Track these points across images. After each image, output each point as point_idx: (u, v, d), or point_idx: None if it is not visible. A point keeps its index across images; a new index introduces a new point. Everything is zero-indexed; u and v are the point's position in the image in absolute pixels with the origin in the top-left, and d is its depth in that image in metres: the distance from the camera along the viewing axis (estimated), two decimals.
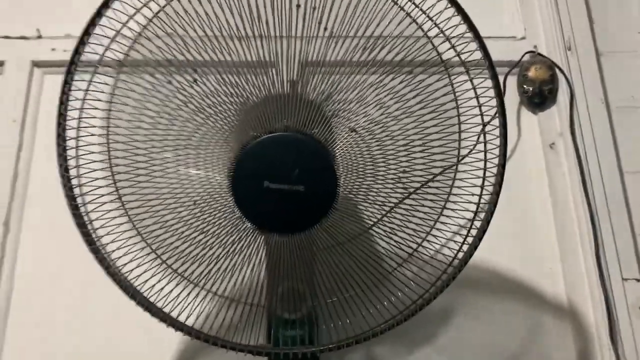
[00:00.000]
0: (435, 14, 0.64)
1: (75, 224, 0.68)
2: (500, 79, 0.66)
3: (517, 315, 0.94)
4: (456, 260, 0.71)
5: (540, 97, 1.03)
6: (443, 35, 0.64)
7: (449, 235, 0.73)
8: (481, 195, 0.69)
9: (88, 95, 0.66)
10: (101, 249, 0.69)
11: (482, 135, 0.66)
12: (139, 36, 0.67)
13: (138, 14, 0.66)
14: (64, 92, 0.64)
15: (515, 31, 1.09)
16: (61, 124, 0.64)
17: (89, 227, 0.68)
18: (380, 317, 0.73)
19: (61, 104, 0.64)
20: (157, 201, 0.69)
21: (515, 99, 1.05)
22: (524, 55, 1.04)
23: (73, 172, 0.68)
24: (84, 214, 0.68)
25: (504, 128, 0.66)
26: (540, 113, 1.04)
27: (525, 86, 1.03)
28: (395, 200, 0.68)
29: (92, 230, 0.68)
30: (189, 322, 0.73)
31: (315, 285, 0.75)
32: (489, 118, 0.67)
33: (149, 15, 0.68)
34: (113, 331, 0.91)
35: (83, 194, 0.69)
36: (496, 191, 0.68)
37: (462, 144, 0.70)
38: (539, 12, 1.09)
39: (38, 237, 0.96)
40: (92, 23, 0.64)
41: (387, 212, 0.68)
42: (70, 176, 0.67)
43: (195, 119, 0.66)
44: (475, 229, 0.70)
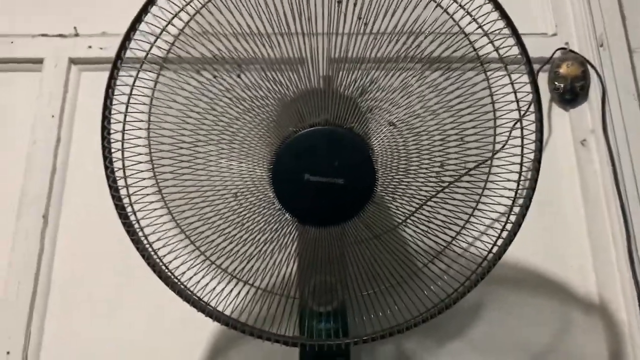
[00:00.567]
0: (474, 9, 0.64)
1: (118, 214, 0.70)
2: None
3: (548, 311, 0.94)
4: (491, 254, 0.71)
5: (571, 94, 1.03)
6: (482, 31, 0.64)
7: (483, 229, 0.74)
8: (517, 190, 0.69)
9: (134, 90, 0.68)
10: (142, 240, 0.71)
11: (520, 131, 0.66)
12: (182, 32, 0.68)
13: (182, 11, 0.67)
14: (110, 86, 0.66)
15: (546, 28, 1.09)
16: (107, 117, 0.66)
17: (131, 218, 0.70)
18: (414, 311, 0.74)
19: (107, 97, 0.66)
20: (198, 194, 0.70)
21: (546, 95, 1.04)
22: (555, 52, 1.04)
23: (117, 165, 0.69)
24: (126, 205, 0.70)
25: (540, 122, 0.67)
26: (571, 110, 1.04)
27: (556, 83, 1.03)
28: (430, 194, 0.69)
29: (135, 222, 0.70)
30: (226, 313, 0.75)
31: (347, 279, 0.76)
32: (524, 113, 0.67)
33: (192, 11, 0.69)
34: (149, 322, 0.93)
35: (127, 185, 0.70)
36: (532, 186, 0.69)
37: (498, 138, 0.71)
38: (571, 9, 1.09)
39: (75, 230, 0.98)
40: (138, 20, 0.65)
41: (422, 205, 0.69)
42: (114, 168, 0.68)
43: (237, 113, 0.68)
44: (510, 223, 0.70)
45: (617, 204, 0.96)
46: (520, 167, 0.68)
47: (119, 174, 0.69)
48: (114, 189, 0.69)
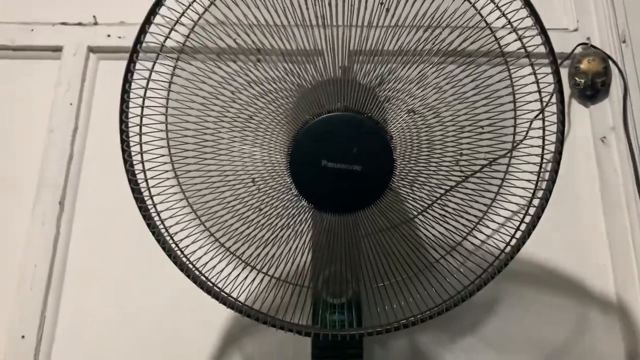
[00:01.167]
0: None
1: (134, 198, 0.70)
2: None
3: (564, 309, 0.93)
4: (509, 247, 0.70)
5: (592, 90, 1.01)
6: (505, 20, 0.63)
7: (502, 222, 0.73)
8: (537, 182, 0.68)
9: (153, 74, 0.68)
10: (158, 225, 0.71)
11: (542, 121, 0.65)
12: (202, 18, 0.68)
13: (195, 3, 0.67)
14: (129, 70, 0.66)
15: (567, 23, 1.07)
16: (125, 101, 0.66)
17: (147, 203, 0.70)
18: (429, 303, 0.73)
19: (126, 81, 0.66)
20: (218, 178, 0.70)
21: (566, 91, 1.03)
22: (576, 47, 1.03)
23: (135, 149, 0.70)
24: (143, 189, 0.70)
25: (562, 114, 0.66)
26: (591, 106, 1.03)
27: (577, 78, 1.01)
28: (448, 186, 0.68)
29: (152, 206, 0.70)
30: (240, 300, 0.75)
31: (361, 270, 0.75)
32: (546, 103, 0.66)
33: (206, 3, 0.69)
34: (163, 308, 0.93)
35: (144, 170, 0.71)
36: (552, 178, 0.68)
37: (518, 129, 0.70)
38: (593, 4, 1.07)
39: (91, 216, 0.99)
40: (153, 12, 0.65)
41: (441, 196, 0.68)
42: (131, 152, 0.68)
43: (254, 98, 0.68)
44: (529, 215, 0.69)
45: (637, 202, 0.94)
46: (541, 159, 0.67)
47: (137, 158, 0.69)
48: (130, 173, 0.69)
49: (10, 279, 0.94)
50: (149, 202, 0.70)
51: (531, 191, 0.69)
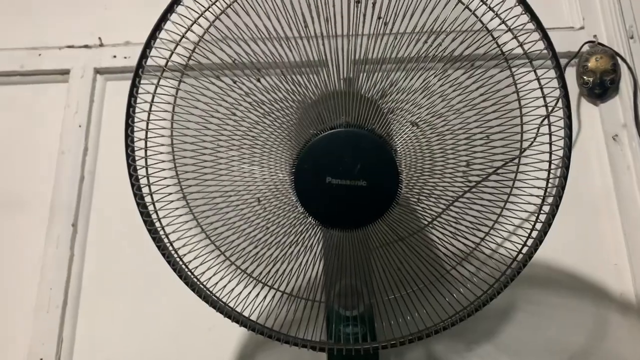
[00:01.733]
0: (496, 4, 0.63)
1: (143, 221, 0.71)
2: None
3: (581, 313, 0.92)
4: (520, 255, 0.70)
5: (601, 88, 1.00)
6: (505, 27, 0.63)
7: (512, 230, 0.72)
8: (547, 188, 0.67)
9: (156, 97, 0.68)
10: (168, 247, 0.72)
11: (548, 127, 0.64)
12: (202, 39, 0.68)
13: (201, 18, 0.68)
14: (132, 94, 0.66)
15: (573, 21, 1.06)
16: (130, 125, 0.66)
17: (156, 225, 0.71)
18: (442, 314, 0.72)
19: (129, 105, 0.66)
20: (222, 199, 0.70)
21: (575, 90, 1.02)
22: (583, 46, 1.01)
23: (141, 172, 0.70)
24: (151, 212, 0.70)
25: (568, 118, 0.65)
26: (601, 104, 1.01)
27: (585, 77, 1.00)
28: (456, 195, 0.68)
29: (160, 228, 0.70)
30: (252, 318, 0.75)
31: (374, 282, 0.75)
32: (552, 109, 0.65)
33: (211, 18, 0.69)
34: (177, 328, 0.93)
35: (151, 192, 0.71)
36: (562, 184, 0.67)
37: (525, 136, 0.69)
38: (599, 2, 1.06)
39: (104, 238, 1.00)
40: (158, 28, 0.66)
41: (449, 206, 0.68)
42: (138, 176, 0.69)
43: (257, 117, 0.68)
44: (540, 222, 0.68)
45: None
46: (549, 165, 0.66)
47: (143, 181, 0.69)
48: (138, 197, 0.69)
49: (26, 303, 0.95)
50: (157, 225, 0.70)
51: (540, 197, 0.68)
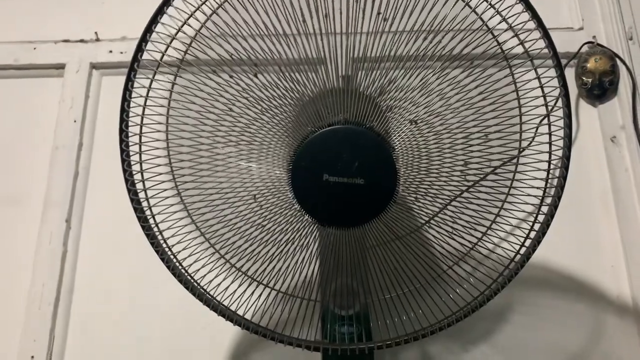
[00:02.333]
0: (496, 2, 0.62)
1: (137, 217, 0.70)
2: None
3: (579, 315, 0.91)
4: (518, 255, 0.69)
5: (600, 89, 0.99)
6: (506, 24, 0.62)
7: (510, 230, 0.71)
8: (545, 188, 0.67)
9: (151, 92, 0.67)
10: (161, 244, 0.71)
11: (548, 127, 0.64)
12: (199, 33, 0.67)
13: (197, 12, 0.67)
14: (127, 89, 0.65)
15: (572, 22, 1.05)
16: (124, 120, 0.66)
17: (150, 221, 0.70)
18: (439, 314, 0.72)
19: (124, 100, 0.65)
20: (217, 195, 0.69)
21: (573, 91, 1.01)
22: (582, 46, 1.01)
23: (135, 168, 0.69)
24: (145, 208, 0.69)
25: (568, 118, 0.64)
26: (600, 105, 1.01)
27: (583, 78, 1.00)
28: (454, 194, 0.67)
29: (154, 225, 0.69)
30: (246, 317, 0.74)
31: (369, 282, 0.74)
32: (551, 108, 0.65)
33: (208, 12, 0.68)
34: (170, 326, 0.93)
35: (145, 188, 0.70)
36: (560, 184, 0.66)
37: (524, 135, 0.68)
38: (598, 3, 1.05)
39: (98, 234, 0.99)
40: (154, 21, 0.65)
41: (446, 205, 0.67)
42: (132, 171, 0.68)
43: (254, 114, 0.67)
44: (538, 223, 0.68)
45: None
46: (549, 165, 0.66)
47: (137, 177, 0.69)
48: (132, 192, 0.69)
49: (18, 299, 0.94)
50: (151, 222, 0.69)
51: (539, 198, 0.68)
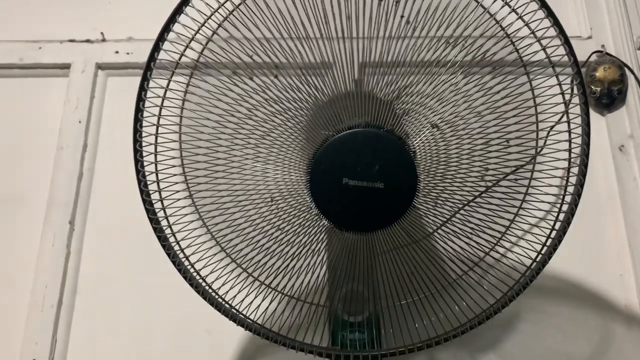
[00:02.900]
0: (519, 6, 0.62)
1: (149, 218, 0.69)
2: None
3: (587, 324, 0.91)
4: (535, 262, 0.69)
5: (608, 98, 1.00)
6: (528, 29, 0.62)
7: (525, 237, 0.71)
8: (564, 195, 0.66)
9: (168, 93, 0.66)
10: (173, 246, 0.70)
11: (568, 134, 0.63)
12: (216, 33, 0.67)
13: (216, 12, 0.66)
14: (142, 88, 0.64)
15: (580, 31, 1.06)
16: (139, 120, 0.64)
17: (162, 224, 0.69)
18: (453, 320, 0.71)
19: (140, 99, 0.64)
20: (229, 198, 0.68)
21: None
22: (591, 55, 1.01)
23: (149, 168, 0.68)
24: (158, 210, 0.68)
25: (587, 126, 0.64)
26: (608, 114, 1.01)
27: (592, 87, 1.00)
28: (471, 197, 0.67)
29: (167, 227, 0.68)
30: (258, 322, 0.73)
31: (380, 288, 0.74)
32: (571, 116, 0.65)
33: (223, 14, 0.68)
34: (176, 330, 0.91)
35: (160, 190, 0.69)
36: (578, 192, 0.66)
37: (540, 143, 0.68)
38: (606, 12, 1.06)
39: (101, 236, 0.97)
40: (172, 19, 0.64)
41: (461, 208, 0.67)
42: (145, 172, 0.67)
43: (272, 116, 0.66)
44: (555, 230, 0.67)
45: None
46: (568, 172, 0.66)
47: (151, 177, 0.67)
48: (145, 194, 0.67)
49: (21, 301, 0.93)
50: (164, 223, 0.68)
51: (556, 205, 0.67)
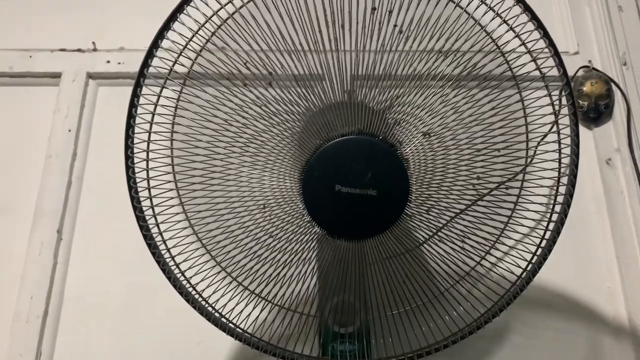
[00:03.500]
0: (510, 18, 0.63)
1: (139, 225, 0.69)
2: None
3: (575, 335, 0.91)
4: (525, 272, 0.69)
5: (595, 112, 1.01)
6: (519, 40, 0.63)
7: (515, 247, 0.71)
8: (554, 204, 0.67)
9: (160, 100, 0.66)
10: (163, 254, 0.69)
11: (557, 144, 0.64)
12: (210, 41, 0.67)
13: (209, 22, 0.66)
14: (135, 94, 0.64)
15: (568, 46, 1.07)
16: (131, 127, 0.64)
17: (152, 231, 0.68)
18: (444, 330, 0.71)
19: (132, 107, 0.64)
20: (223, 205, 0.68)
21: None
22: (578, 70, 1.03)
23: (140, 175, 0.68)
24: (148, 217, 0.68)
25: (577, 137, 0.65)
26: (595, 128, 1.02)
27: (580, 101, 1.01)
28: (462, 207, 0.67)
29: (157, 234, 0.68)
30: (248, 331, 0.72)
31: (370, 299, 0.73)
32: (560, 127, 0.66)
33: (215, 24, 0.68)
34: (163, 342, 0.90)
35: (151, 197, 0.69)
36: (567, 202, 0.67)
37: (530, 152, 0.69)
38: (593, 28, 1.08)
39: (89, 246, 0.96)
40: (163, 32, 0.64)
41: (452, 219, 0.67)
42: (136, 179, 0.67)
43: (265, 125, 0.66)
44: (545, 240, 0.68)
45: None
46: (558, 182, 0.66)
47: (143, 184, 0.67)
48: (135, 200, 0.67)
49: (5, 311, 0.91)
50: (154, 230, 0.67)
51: (545, 215, 0.68)
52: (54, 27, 1.10)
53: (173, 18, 0.64)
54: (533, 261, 0.69)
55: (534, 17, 0.61)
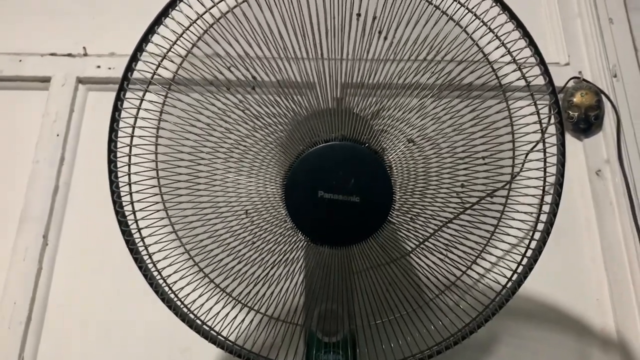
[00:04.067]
0: (496, 27, 0.63)
1: (121, 230, 0.68)
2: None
3: (563, 347, 0.90)
4: (510, 282, 0.68)
5: (585, 123, 1.01)
6: (505, 49, 0.63)
7: (501, 256, 0.71)
8: (540, 214, 0.67)
9: (144, 104, 0.66)
10: (145, 260, 0.68)
11: (543, 152, 0.64)
12: (196, 46, 0.67)
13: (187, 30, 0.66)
14: (119, 98, 0.64)
15: (559, 58, 1.08)
16: (114, 130, 0.64)
17: (134, 236, 0.67)
18: (428, 340, 0.70)
19: (115, 111, 0.64)
20: (210, 210, 0.67)
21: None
22: (569, 81, 1.03)
23: (123, 180, 0.67)
24: (130, 222, 0.67)
25: (562, 146, 0.65)
26: (585, 139, 1.02)
27: (570, 112, 1.01)
28: (448, 216, 0.66)
29: (139, 239, 0.67)
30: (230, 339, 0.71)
31: (355, 308, 0.73)
32: (546, 136, 0.65)
33: (200, 30, 0.68)
34: (148, 350, 0.89)
35: (132, 201, 0.68)
36: (553, 211, 0.66)
37: (517, 161, 0.68)
38: (584, 40, 1.08)
39: (75, 252, 0.95)
40: (145, 39, 0.64)
41: (438, 229, 0.66)
42: (120, 182, 0.66)
43: (248, 130, 0.66)
44: (531, 249, 0.67)
45: (635, 235, 0.93)
46: (543, 191, 0.66)
47: (125, 189, 0.66)
48: (118, 205, 0.66)
49: None
50: (136, 236, 0.67)
51: (532, 224, 0.68)
52: (44, 32, 1.10)
53: (158, 22, 0.64)
54: (519, 271, 0.68)
55: (520, 25, 0.61)
